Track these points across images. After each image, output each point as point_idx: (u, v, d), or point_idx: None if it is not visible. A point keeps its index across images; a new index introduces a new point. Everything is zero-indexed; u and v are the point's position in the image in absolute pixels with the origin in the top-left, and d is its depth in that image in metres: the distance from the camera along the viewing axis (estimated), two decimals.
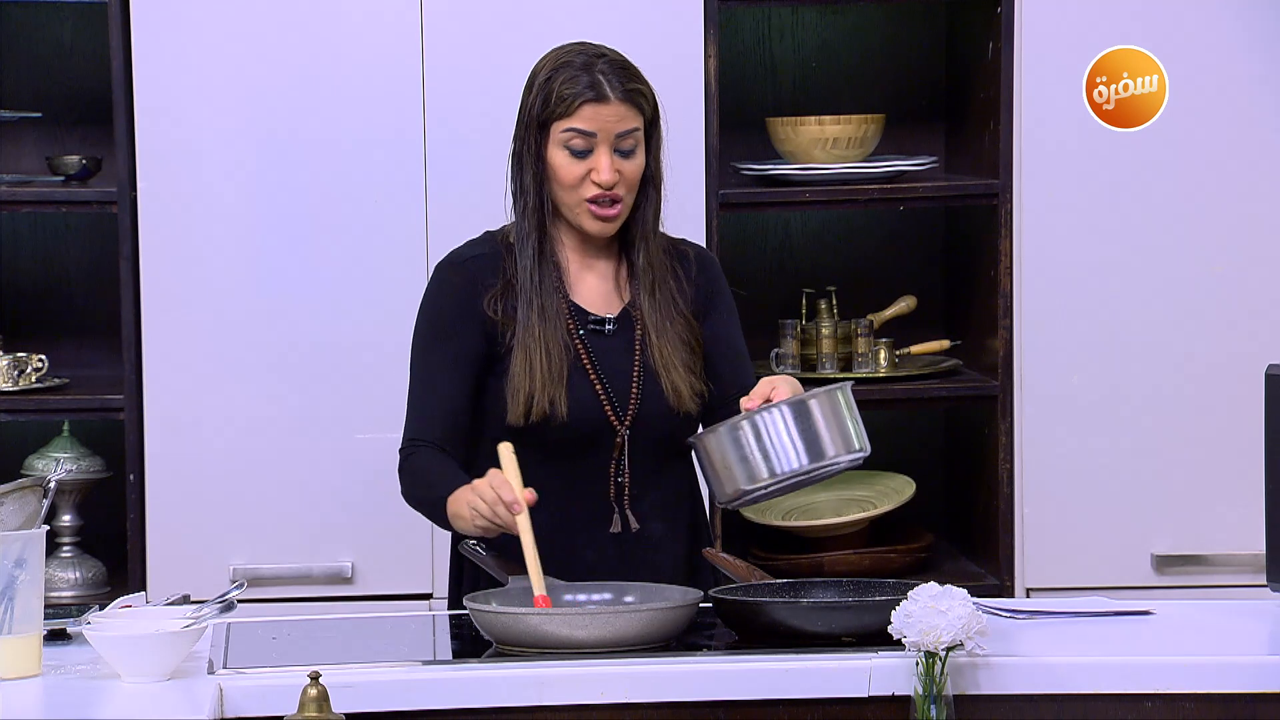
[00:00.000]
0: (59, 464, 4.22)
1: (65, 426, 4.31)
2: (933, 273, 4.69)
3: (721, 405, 3.41)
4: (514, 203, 3.40)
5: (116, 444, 4.27)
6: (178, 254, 4.20)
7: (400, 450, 3.38)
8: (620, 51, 3.39)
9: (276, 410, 4.22)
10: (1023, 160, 4.28)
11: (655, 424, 3.37)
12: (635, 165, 3.36)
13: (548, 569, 3.15)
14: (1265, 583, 3.34)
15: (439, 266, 3.45)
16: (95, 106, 4.41)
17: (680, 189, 3.63)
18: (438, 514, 3.30)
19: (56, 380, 4.31)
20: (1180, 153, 4.29)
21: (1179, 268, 4.30)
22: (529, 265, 3.36)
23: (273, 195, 4.21)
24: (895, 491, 4.39)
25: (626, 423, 3.37)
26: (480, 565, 3.28)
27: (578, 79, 3.32)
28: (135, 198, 4.20)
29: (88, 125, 4.50)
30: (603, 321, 3.40)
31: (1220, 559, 4.31)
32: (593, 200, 3.33)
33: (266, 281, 4.22)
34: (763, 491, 3.17)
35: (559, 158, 3.34)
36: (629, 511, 3.38)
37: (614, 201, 3.34)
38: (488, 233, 3.47)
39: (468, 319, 3.37)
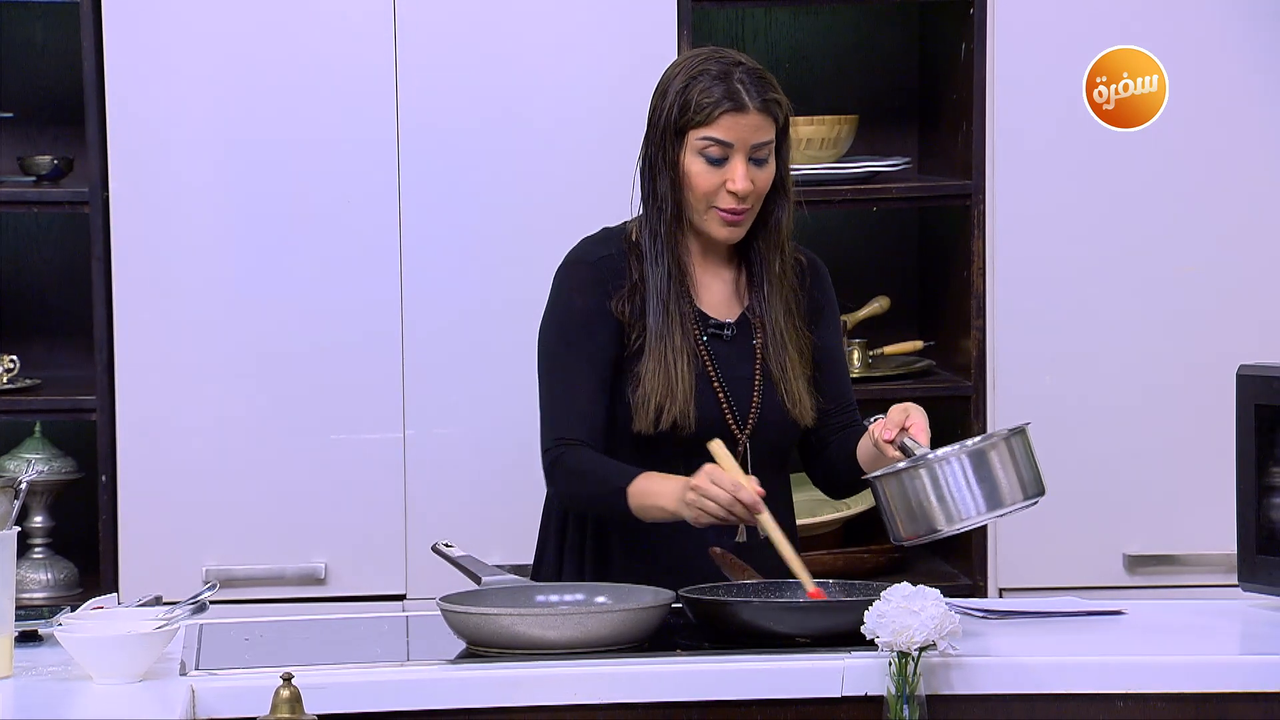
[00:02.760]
0: (30, 465, 4.21)
1: (37, 427, 4.29)
2: (906, 273, 4.70)
3: (823, 420, 3.42)
4: (645, 209, 3.38)
5: (88, 445, 4.26)
6: (150, 254, 4.19)
7: (545, 452, 3.35)
8: (752, 59, 3.37)
9: (249, 411, 4.21)
10: (995, 161, 4.28)
11: (773, 433, 3.35)
12: (767, 174, 3.35)
13: (665, 579, 3.17)
14: (1236, 583, 3.35)
15: (568, 264, 3.42)
16: (67, 106, 4.40)
17: None
18: (610, 505, 3.29)
19: (28, 381, 4.30)
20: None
21: (1152, 269, 4.31)
22: (664, 273, 3.34)
23: (245, 196, 4.21)
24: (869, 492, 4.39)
25: (747, 431, 3.36)
26: (451, 564, 3.28)
27: (716, 88, 3.31)
28: (107, 198, 4.20)
29: (60, 125, 4.49)
30: (722, 326, 3.39)
31: (1192, 559, 4.32)
32: (725, 209, 3.33)
33: (239, 282, 4.21)
34: (945, 534, 3.12)
35: (695, 166, 3.33)
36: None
37: (744, 211, 3.34)
38: (606, 230, 3.45)
39: (601, 318, 3.35)
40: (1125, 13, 4.28)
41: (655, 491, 3.25)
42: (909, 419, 3.21)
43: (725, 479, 3.17)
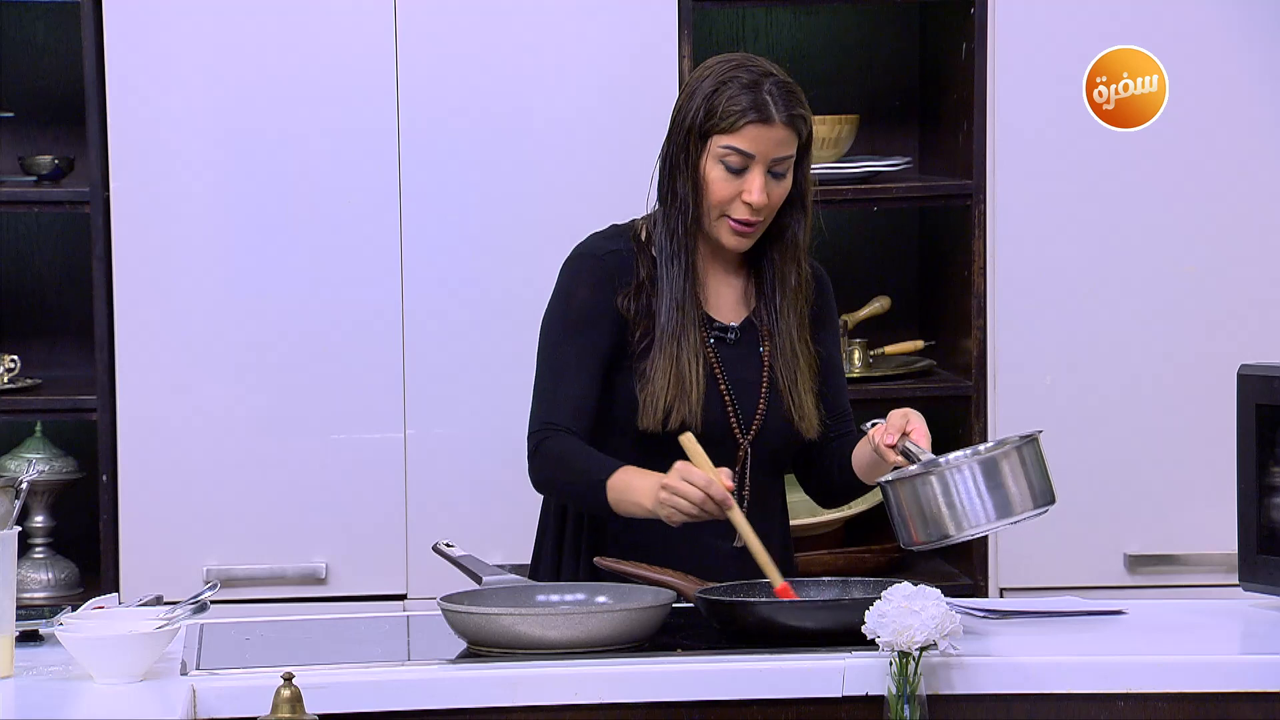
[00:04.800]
0: (31, 464, 4.21)
1: (38, 427, 4.30)
2: (907, 273, 4.70)
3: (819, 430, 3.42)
4: (663, 208, 3.37)
5: (89, 444, 4.26)
6: (150, 254, 4.19)
7: (530, 435, 3.35)
8: (782, 70, 3.36)
9: (250, 410, 4.21)
10: (996, 161, 4.29)
11: (776, 440, 3.35)
12: (783, 188, 3.35)
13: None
14: (1237, 582, 3.35)
15: (576, 256, 3.42)
16: (68, 106, 4.40)
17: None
18: (588, 497, 3.28)
19: (29, 380, 4.30)
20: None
21: (1152, 269, 4.32)
22: (679, 273, 3.34)
23: (246, 195, 4.21)
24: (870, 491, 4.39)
25: (750, 436, 3.36)
26: (452, 564, 3.28)
27: (743, 96, 3.30)
28: (108, 198, 4.20)
29: (60, 125, 4.49)
30: (726, 329, 3.39)
31: (1192, 559, 4.32)
32: (737, 219, 3.33)
33: (240, 281, 4.21)
34: (955, 541, 3.12)
35: (714, 172, 3.32)
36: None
37: (755, 222, 3.34)
38: (615, 227, 3.45)
39: (603, 312, 3.35)
40: (1125, 13, 4.28)
41: (634, 487, 3.23)
42: (909, 424, 3.20)
43: (698, 476, 3.16)
